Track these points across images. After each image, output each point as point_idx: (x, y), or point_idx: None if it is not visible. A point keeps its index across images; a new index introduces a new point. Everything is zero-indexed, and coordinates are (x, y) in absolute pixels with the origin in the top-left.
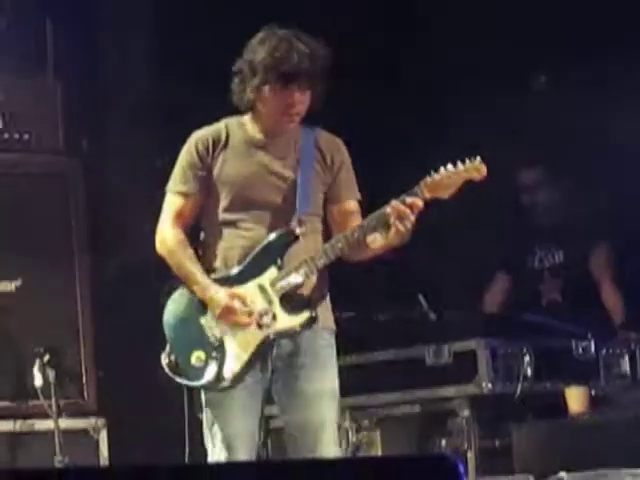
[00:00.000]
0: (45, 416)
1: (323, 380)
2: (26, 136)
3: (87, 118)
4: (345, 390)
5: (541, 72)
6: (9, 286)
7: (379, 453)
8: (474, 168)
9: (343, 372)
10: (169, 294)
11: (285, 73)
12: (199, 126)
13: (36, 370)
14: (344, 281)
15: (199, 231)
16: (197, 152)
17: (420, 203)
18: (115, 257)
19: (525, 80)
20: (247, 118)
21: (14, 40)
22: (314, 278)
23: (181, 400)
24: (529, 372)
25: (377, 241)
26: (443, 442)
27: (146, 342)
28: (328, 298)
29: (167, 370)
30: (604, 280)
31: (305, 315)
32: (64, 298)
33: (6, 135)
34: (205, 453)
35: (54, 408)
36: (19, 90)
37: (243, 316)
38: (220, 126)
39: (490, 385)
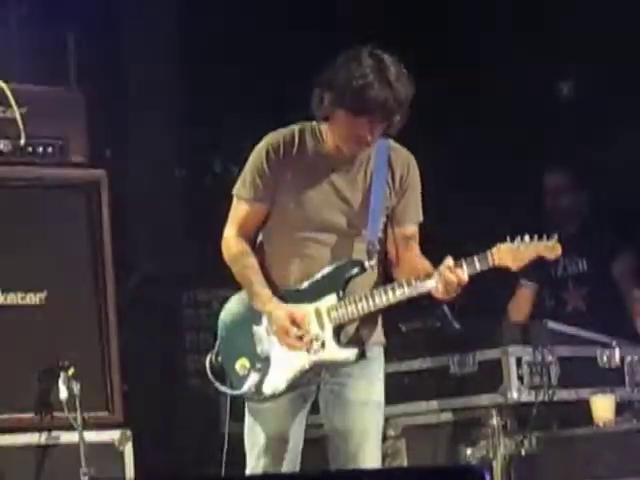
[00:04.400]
0: (70, 429)
1: (369, 390)
2: (49, 149)
3: (111, 128)
4: None
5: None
6: (34, 298)
7: (404, 463)
8: (550, 246)
9: None
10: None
11: (360, 103)
12: (221, 138)
13: (61, 383)
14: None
15: None
16: (267, 159)
17: (465, 278)
18: (140, 269)
19: (552, 88)
20: (323, 128)
21: (36, 51)
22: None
23: (206, 412)
24: (554, 380)
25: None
26: (468, 451)
27: (170, 355)
28: (379, 322)
29: (208, 371)
30: (628, 288)
31: (354, 351)
32: (89, 310)
33: (30, 148)
34: (234, 464)
35: (79, 421)
36: (42, 102)
37: (296, 339)
38: (294, 131)
39: (515, 394)
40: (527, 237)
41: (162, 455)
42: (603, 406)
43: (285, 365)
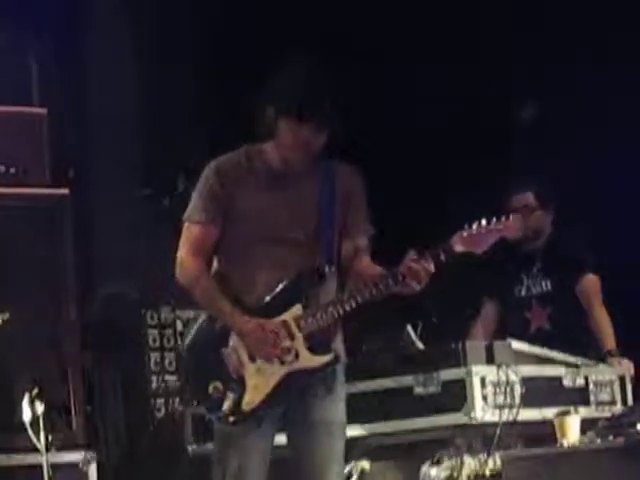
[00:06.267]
0: (34, 450)
1: (335, 411)
2: (12, 170)
3: (74, 148)
4: None
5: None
6: None
7: None
8: (510, 226)
9: None
10: (189, 323)
11: (302, 110)
12: (185, 156)
13: (25, 404)
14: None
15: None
16: (217, 181)
17: (432, 269)
18: (103, 289)
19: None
20: (267, 146)
21: None
22: (338, 319)
23: (170, 433)
24: (518, 400)
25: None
26: (433, 471)
27: (135, 375)
28: (340, 329)
29: (185, 397)
30: (593, 306)
31: (328, 357)
32: (52, 331)
33: None
34: None
35: (43, 442)
36: (3, 122)
37: (273, 348)
38: (240, 154)
39: (479, 414)
40: (484, 221)
41: (126, 476)
42: (567, 426)
43: (261, 381)
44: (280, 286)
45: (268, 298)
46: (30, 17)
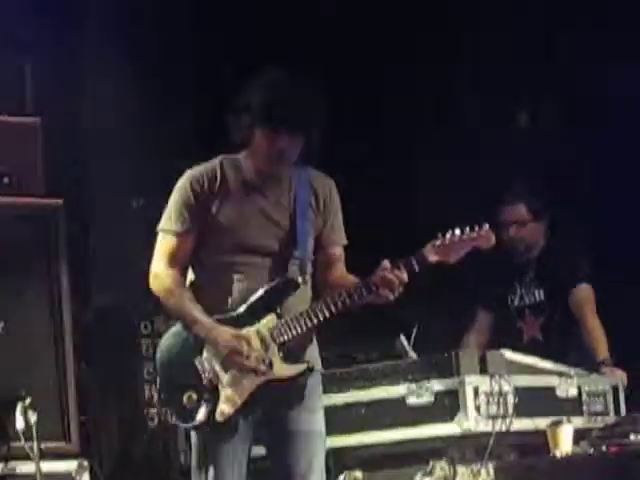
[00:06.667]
0: (27, 459)
1: (312, 421)
2: (6, 179)
3: (68, 157)
4: (327, 430)
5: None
6: None
7: None
8: (483, 236)
9: (324, 412)
10: (162, 333)
11: (277, 117)
12: (178, 169)
13: (18, 413)
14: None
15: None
16: (192, 191)
17: (405, 278)
18: (97, 299)
19: (509, 118)
20: (241, 157)
21: None
22: (312, 329)
23: (164, 443)
24: (511, 410)
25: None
26: None
27: (128, 385)
28: (315, 339)
29: (161, 407)
30: (586, 316)
31: (302, 366)
32: (46, 340)
33: None
34: None
35: (36, 451)
36: None
37: (247, 358)
38: (215, 164)
39: (472, 424)
40: (457, 230)
41: None
42: (560, 436)
43: (235, 391)
44: (254, 296)
45: (242, 308)
46: (25, 24)
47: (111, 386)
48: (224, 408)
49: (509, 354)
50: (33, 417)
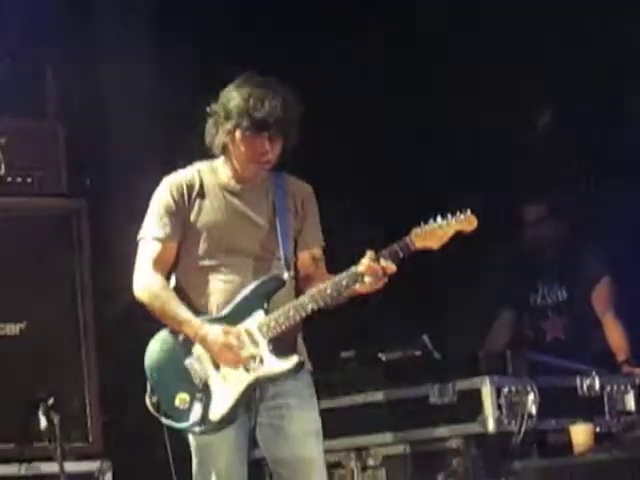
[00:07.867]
0: (50, 459)
1: (308, 420)
2: (29, 179)
3: (90, 158)
4: (350, 430)
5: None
6: (14, 329)
7: None
8: (465, 220)
9: (346, 412)
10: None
11: (257, 120)
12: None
13: (41, 414)
14: (346, 320)
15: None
16: (172, 198)
17: (392, 267)
18: (120, 299)
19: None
20: (218, 162)
21: (16, 83)
22: (300, 323)
23: (186, 444)
24: (534, 410)
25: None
26: None
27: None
28: (302, 340)
29: (152, 411)
30: (606, 316)
31: (293, 360)
32: (68, 341)
33: (9, 179)
34: None
35: (59, 451)
36: (21, 133)
37: (237, 354)
38: (193, 171)
39: (495, 424)
40: (439, 217)
41: None
42: (583, 435)
43: (227, 389)
44: (240, 296)
45: (229, 308)
46: (45, 28)
47: (134, 386)
48: (218, 407)
49: (531, 354)
50: (56, 417)
